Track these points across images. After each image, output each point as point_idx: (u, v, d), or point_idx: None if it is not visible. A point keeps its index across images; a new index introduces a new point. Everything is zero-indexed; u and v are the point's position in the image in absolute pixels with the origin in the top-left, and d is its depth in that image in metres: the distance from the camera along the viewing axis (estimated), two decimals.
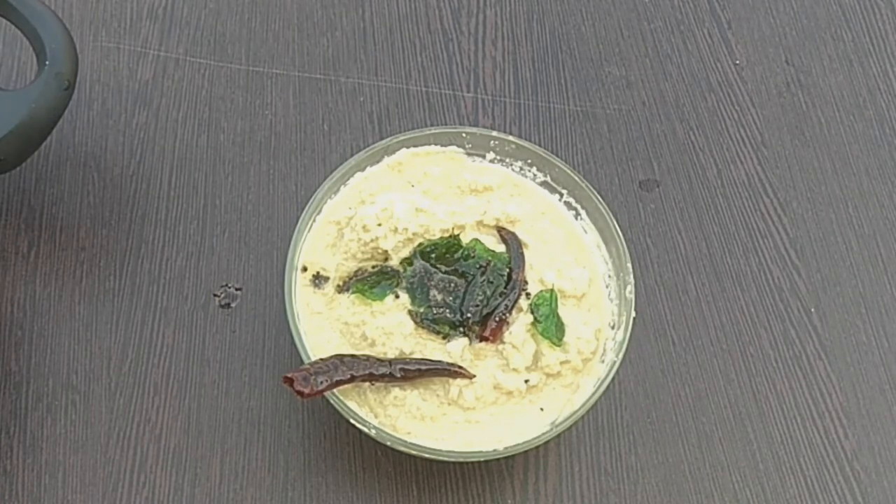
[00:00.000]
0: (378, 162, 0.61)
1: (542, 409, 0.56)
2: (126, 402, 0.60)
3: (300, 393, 0.51)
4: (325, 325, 0.57)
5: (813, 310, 0.65)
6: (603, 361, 0.57)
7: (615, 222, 0.58)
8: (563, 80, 0.72)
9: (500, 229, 0.59)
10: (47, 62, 0.58)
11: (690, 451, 0.59)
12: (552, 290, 0.58)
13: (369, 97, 0.71)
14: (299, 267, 0.58)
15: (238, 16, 0.73)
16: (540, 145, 0.61)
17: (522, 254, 0.59)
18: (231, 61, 0.71)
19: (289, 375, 0.51)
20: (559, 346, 0.56)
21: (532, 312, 0.57)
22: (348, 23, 0.73)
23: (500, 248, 0.59)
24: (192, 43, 0.72)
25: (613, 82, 0.72)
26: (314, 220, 0.59)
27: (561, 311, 0.57)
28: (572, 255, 0.60)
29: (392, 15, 0.74)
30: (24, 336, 0.61)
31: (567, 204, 0.61)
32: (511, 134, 0.62)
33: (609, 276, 0.59)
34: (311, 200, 0.58)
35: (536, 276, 0.58)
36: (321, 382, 0.51)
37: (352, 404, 0.54)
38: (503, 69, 0.72)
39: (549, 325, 0.57)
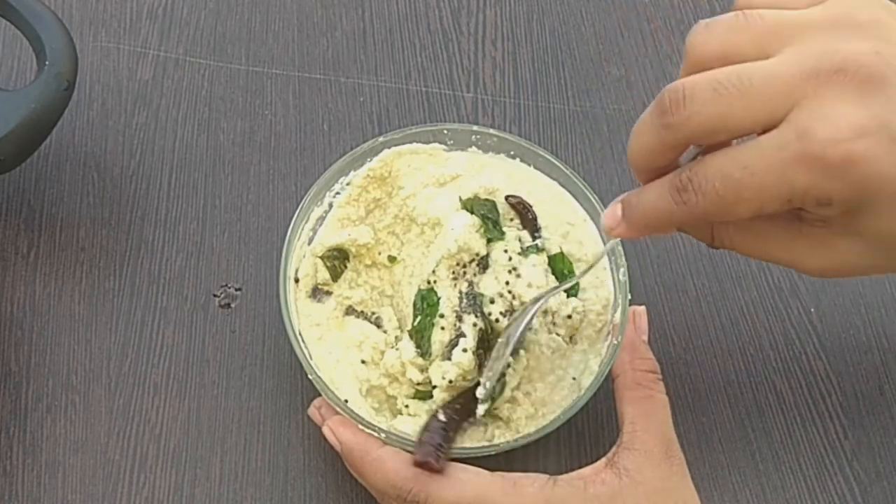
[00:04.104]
0: (361, 166, 0.60)
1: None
2: (126, 402, 0.60)
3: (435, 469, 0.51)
4: (325, 336, 0.57)
5: (813, 310, 0.64)
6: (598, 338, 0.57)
7: (604, 209, 0.58)
8: (563, 80, 0.72)
9: (508, 197, 0.59)
10: (47, 62, 0.58)
11: (690, 451, 0.59)
12: (561, 253, 0.58)
13: (369, 97, 0.71)
14: (292, 277, 0.57)
15: (238, 16, 0.73)
16: (540, 145, 0.61)
17: (536, 219, 0.58)
18: (231, 61, 0.71)
19: (419, 460, 0.51)
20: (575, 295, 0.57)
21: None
22: (348, 23, 0.73)
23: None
24: (192, 43, 0.72)
25: (613, 82, 0.72)
26: (302, 229, 0.58)
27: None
28: (573, 216, 0.60)
29: (392, 15, 0.74)
30: (24, 336, 0.61)
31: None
32: (511, 133, 0.62)
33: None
34: (297, 209, 0.58)
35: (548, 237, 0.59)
36: (442, 449, 0.51)
37: (363, 412, 0.53)
38: (503, 69, 0.72)
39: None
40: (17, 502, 0.57)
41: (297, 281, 0.58)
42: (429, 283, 0.56)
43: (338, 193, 0.60)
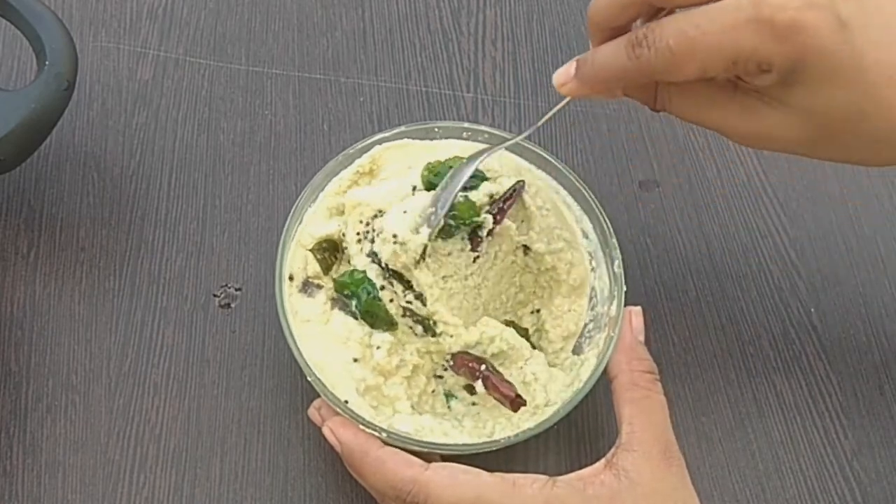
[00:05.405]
0: (351, 164, 0.60)
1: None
2: (126, 402, 0.60)
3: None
4: (318, 333, 0.56)
5: (813, 310, 0.65)
6: (590, 337, 0.58)
7: (596, 201, 0.59)
8: None
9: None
10: (47, 62, 0.58)
11: (690, 451, 0.59)
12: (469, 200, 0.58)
13: (369, 97, 0.71)
14: (287, 278, 0.57)
15: (238, 16, 0.73)
16: (540, 145, 0.61)
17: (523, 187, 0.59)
18: (231, 61, 0.71)
19: (508, 394, 0.54)
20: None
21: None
22: (348, 23, 0.73)
23: None
24: (192, 43, 0.72)
25: None
26: (296, 231, 0.58)
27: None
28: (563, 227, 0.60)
29: (392, 15, 0.74)
30: (24, 336, 0.61)
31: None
32: (511, 133, 0.62)
33: (593, 254, 0.59)
34: (292, 209, 0.58)
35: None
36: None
37: (363, 413, 0.53)
38: (503, 69, 0.72)
39: None
40: (17, 502, 0.57)
41: (291, 279, 0.57)
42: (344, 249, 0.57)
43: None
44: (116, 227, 0.65)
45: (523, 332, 0.58)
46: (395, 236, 0.54)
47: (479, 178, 0.58)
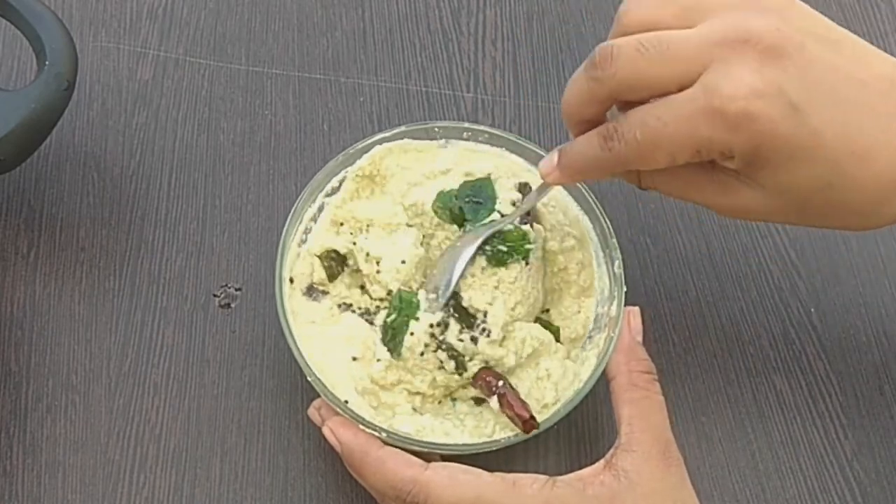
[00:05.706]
0: (352, 165, 0.60)
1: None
2: (126, 402, 0.60)
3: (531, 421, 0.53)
4: (320, 334, 0.56)
5: (813, 310, 0.65)
6: (591, 337, 0.58)
7: (596, 201, 0.59)
8: (563, 80, 0.71)
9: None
10: (47, 62, 0.58)
11: (690, 451, 0.59)
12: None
13: (369, 97, 0.71)
14: (286, 277, 0.57)
15: (238, 16, 0.73)
16: (540, 145, 0.61)
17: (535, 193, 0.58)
18: (231, 61, 0.71)
19: (522, 414, 0.53)
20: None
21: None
22: (348, 23, 0.73)
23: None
24: (192, 43, 0.72)
25: None
26: (296, 231, 0.58)
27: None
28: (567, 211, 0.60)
29: (392, 15, 0.74)
30: (24, 336, 0.61)
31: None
32: (511, 133, 0.62)
33: (596, 253, 0.59)
34: (291, 210, 0.58)
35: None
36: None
37: (363, 413, 0.53)
38: (503, 69, 0.72)
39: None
40: (17, 502, 0.57)
41: (291, 281, 0.57)
42: (410, 288, 0.56)
43: (328, 195, 0.59)
44: (116, 227, 0.65)
45: (554, 329, 0.58)
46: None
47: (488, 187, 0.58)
